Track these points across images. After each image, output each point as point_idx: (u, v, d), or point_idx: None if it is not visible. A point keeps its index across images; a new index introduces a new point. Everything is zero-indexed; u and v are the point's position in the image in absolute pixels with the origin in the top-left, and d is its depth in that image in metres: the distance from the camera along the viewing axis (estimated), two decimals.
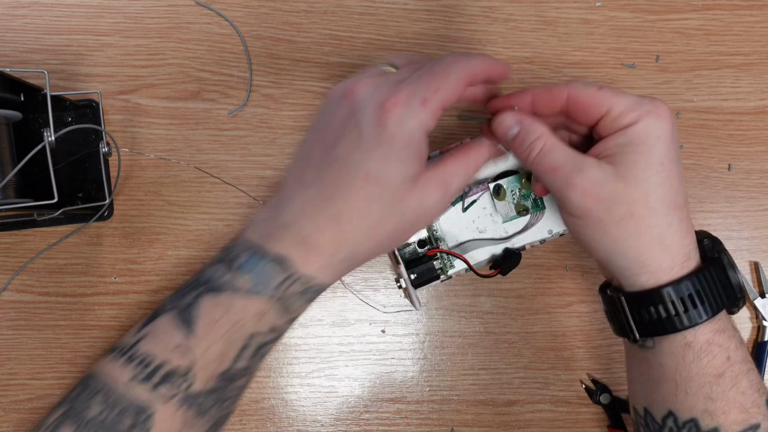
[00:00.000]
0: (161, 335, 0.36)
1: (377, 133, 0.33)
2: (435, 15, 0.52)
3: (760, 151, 0.53)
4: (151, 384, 0.35)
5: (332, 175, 0.34)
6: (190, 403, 0.35)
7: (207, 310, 0.35)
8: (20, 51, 0.49)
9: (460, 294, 0.50)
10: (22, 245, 0.48)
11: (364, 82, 0.34)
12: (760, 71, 0.53)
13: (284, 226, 0.35)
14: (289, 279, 0.35)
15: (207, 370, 0.35)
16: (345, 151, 0.34)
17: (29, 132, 0.45)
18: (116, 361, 0.36)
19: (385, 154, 0.33)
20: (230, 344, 0.35)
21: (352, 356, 0.50)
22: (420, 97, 0.33)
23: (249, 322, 0.35)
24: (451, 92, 0.34)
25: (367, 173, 0.33)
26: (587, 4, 0.53)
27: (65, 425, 0.35)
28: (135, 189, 0.49)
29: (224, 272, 0.36)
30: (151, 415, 0.35)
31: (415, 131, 0.33)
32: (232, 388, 0.37)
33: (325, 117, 0.36)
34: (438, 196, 0.35)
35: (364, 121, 0.33)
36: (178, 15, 0.50)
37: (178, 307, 0.36)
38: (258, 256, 0.35)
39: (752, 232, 0.52)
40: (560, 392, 0.50)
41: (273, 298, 0.35)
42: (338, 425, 0.49)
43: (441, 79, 0.34)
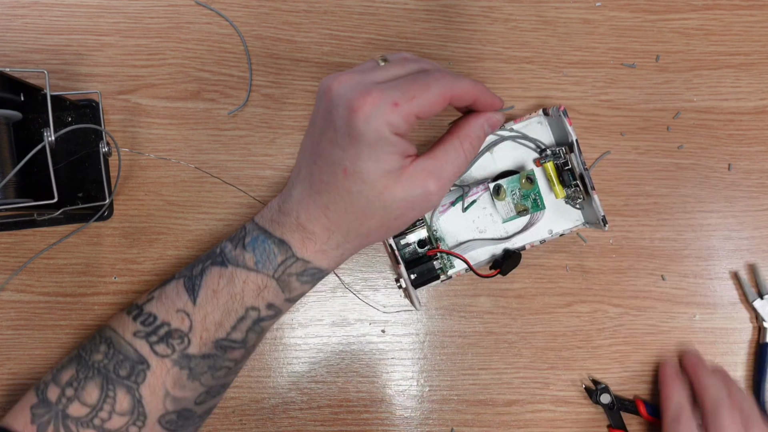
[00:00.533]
0: (168, 299, 0.39)
1: (348, 132, 0.33)
2: (435, 15, 0.52)
3: (760, 151, 0.53)
4: (151, 341, 0.38)
5: (318, 171, 0.36)
6: (183, 364, 0.38)
7: (211, 280, 0.39)
8: (20, 51, 0.49)
9: (460, 294, 0.50)
10: (22, 245, 0.48)
11: (342, 79, 0.34)
12: (760, 71, 0.53)
13: (286, 213, 0.38)
14: (288, 260, 0.38)
15: (203, 335, 0.38)
16: (325, 148, 0.35)
17: (29, 132, 0.45)
18: (126, 316, 0.40)
19: (358, 151, 0.34)
20: (228, 314, 0.38)
21: (352, 356, 0.50)
22: (391, 100, 0.33)
23: (248, 295, 0.38)
24: (426, 104, 0.34)
25: (345, 169, 0.34)
26: (587, 4, 0.53)
27: (70, 366, 0.39)
28: (135, 189, 0.49)
29: (233, 248, 0.39)
30: (146, 368, 0.38)
31: (381, 129, 0.33)
32: (225, 358, 0.40)
33: (314, 111, 0.37)
34: (427, 186, 0.35)
35: (337, 119, 0.34)
36: (178, 15, 0.50)
37: (188, 275, 0.40)
38: (263, 237, 0.38)
39: (752, 232, 0.52)
40: (560, 392, 0.50)
41: (273, 276, 0.38)
42: (338, 425, 0.49)
43: (420, 89, 0.34)
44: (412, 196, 0.35)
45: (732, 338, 0.51)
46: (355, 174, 0.34)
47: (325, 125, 0.35)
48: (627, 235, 0.51)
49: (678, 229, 0.52)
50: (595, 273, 0.51)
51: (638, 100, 0.52)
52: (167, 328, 0.38)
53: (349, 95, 0.33)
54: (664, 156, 0.52)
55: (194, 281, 0.39)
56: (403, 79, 0.35)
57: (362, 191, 0.35)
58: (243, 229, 0.40)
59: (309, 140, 0.37)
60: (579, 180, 0.46)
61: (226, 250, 0.39)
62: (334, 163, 0.35)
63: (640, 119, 0.52)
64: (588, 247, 0.51)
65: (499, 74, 0.52)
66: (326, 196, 0.36)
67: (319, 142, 0.36)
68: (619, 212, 0.52)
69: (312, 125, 0.37)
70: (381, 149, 0.33)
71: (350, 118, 0.33)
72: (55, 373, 0.39)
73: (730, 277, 0.52)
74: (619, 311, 0.51)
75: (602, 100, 0.52)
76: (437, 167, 0.35)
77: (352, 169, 0.34)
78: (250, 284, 0.38)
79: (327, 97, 0.35)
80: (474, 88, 0.36)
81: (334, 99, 0.34)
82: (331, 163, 0.35)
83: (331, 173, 0.35)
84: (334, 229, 0.37)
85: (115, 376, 0.38)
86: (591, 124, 0.52)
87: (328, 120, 0.35)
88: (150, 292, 0.41)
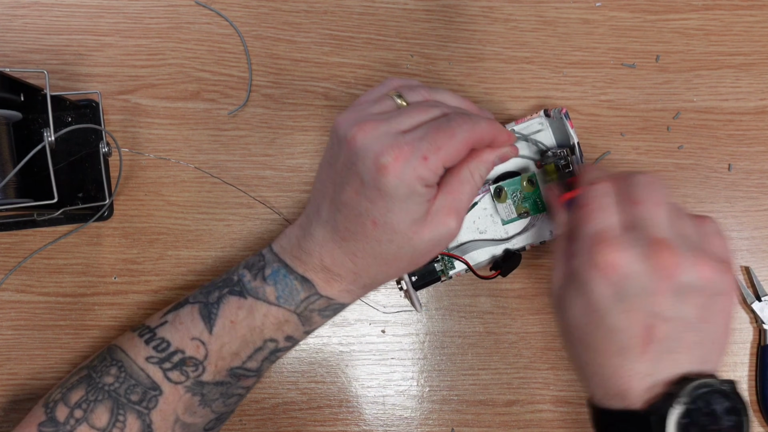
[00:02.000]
0: (182, 325, 0.39)
1: (377, 186, 0.33)
2: (435, 15, 0.52)
3: (760, 151, 0.53)
4: (164, 367, 0.38)
5: (343, 220, 0.35)
6: (196, 391, 0.38)
7: (230, 310, 0.38)
8: (20, 51, 0.49)
9: (460, 294, 0.50)
10: (22, 245, 0.48)
11: (366, 129, 0.34)
12: (760, 71, 0.53)
13: (308, 252, 0.37)
14: (312, 296, 0.38)
15: (218, 364, 0.38)
16: (351, 198, 0.35)
17: (29, 132, 0.45)
18: (137, 340, 0.39)
19: (388, 205, 0.34)
20: (246, 345, 0.38)
21: (352, 356, 0.50)
22: (421, 155, 0.33)
23: (268, 329, 0.38)
24: (453, 153, 0.34)
25: (374, 220, 0.34)
26: (587, 4, 0.52)
27: (80, 387, 0.39)
28: (135, 189, 0.49)
29: (252, 278, 0.38)
30: (158, 394, 0.37)
31: (414, 185, 0.33)
32: (238, 385, 0.39)
33: (333, 155, 0.36)
34: (450, 224, 0.36)
35: (364, 172, 0.33)
36: (178, 15, 0.50)
37: (203, 301, 0.39)
38: (284, 272, 0.38)
39: (752, 232, 0.52)
40: (560, 392, 0.50)
41: (295, 311, 0.38)
42: (338, 425, 0.49)
43: (446, 139, 0.34)
44: (439, 236, 0.36)
45: (732, 339, 0.51)
46: (385, 225, 0.34)
47: (349, 174, 0.34)
48: None
49: None
50: None
51: (638, 100, 0.52)
52: (181, 356, 0.38)
53: (377, 149, 0.33)
54: (664, 156, 0.52)
55: (210, 309, 0.38)
56: (428, 128, 0.34)
57: (393, 240, 0.35)
58: (261, 258, 0.39)
59: (330, 184, 0.36)
60: None
61: (245, 279, 0.38)
62: (362, 214, 0.35)
63: (640, 119, 0.52)
64: None
65: (499, 74, 0.52)
66: (353, 245, 0.36)
67: (342, 190, 0.35)
68: None
69: (330, 167, 0.36)
70: (412, 201, 0.34)
71: (380, 174, 0.33)
72: (65, 392, 0.39)
73: None
74: None
75: (602, 100, 0.52)
76: (455, 202, 0.36)
77: (382, 221, 0.34)
78: (270, 318, 0.38)
79: (350, 147, 0.34)
80: (491, 128, 0.36)
81: (360, 151, 0.34)
82: (358, 215, 0.35)
83: (359, 224, 0.35)
84: (362, 273, 0.37)
85: (126, 400, 0.37)
86: (591, 125, 0.52)
87: (352, 170, 0.34)
88: (162, 314, 0.40)
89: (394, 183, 0.33)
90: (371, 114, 0.36)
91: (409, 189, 0.33)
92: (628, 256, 0.33)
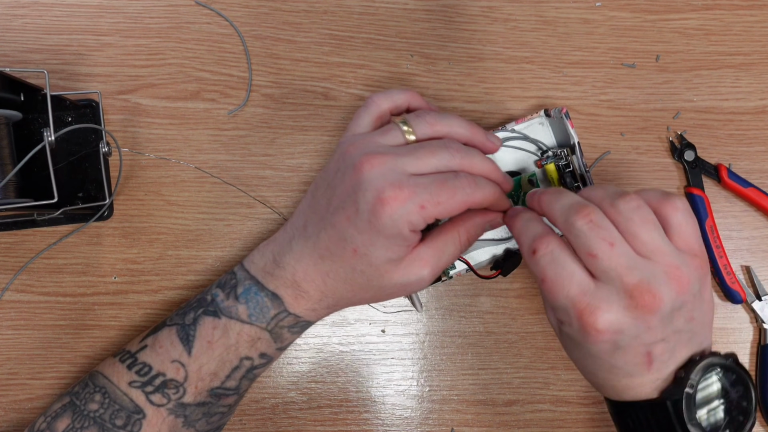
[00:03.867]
0: (162, 348, 0.40)
1: (369, 219, 0.34)
2: (435, 15, 0.52)
3: (760, 151, 0.53)
4: (147, 391, 0.39)
5: (327, 239, 0.37)
6: (179, 412, 0.39)
7: (206, 331, 0.39)
8: (20, 51, 0.49)
9: (460, 294, 0.50)
10: (22, 245, 0.48)
11: (375, 161, 0.35)
12: (760, 71, 0.53)
13: (281, 266, 0.38)
14: (281, 314, 0.39)
15: (198, 385, 0.39)
16: (341, 222, 0.36)
17: (29, 132, 0.45)
18: (119, 365, 0.40)
19: (372, 239, 0.35)
20: (223, 364, 0.39)
21: (352, 356, 0.50)
22: (419, 202, 0.34)
23: (242, 346, 0.39)
24: (449, 210, 0.35)
25: (354, 249, 0.36)
26: (587, 4, 0.53)
27: (65, 415, 0.39)
28: (135, 189, 0.49)
29: (225, 298, 0.39)
30: (142, 418, 0.38)
31: (401, 227, 0.34)
32: (219, 404, 0.40)
33: (335, 175, 0.37)
34: (422, 274, 0.37)
35: (362, 202, 0.34)
36: (178, 15, 0.50)
37: (180, 323, 0.40)
38: (255, 289, 0.39)
39: (752, 232, 0.52)
40: (560, 392, 0.50)
41: (266, 328, 0.39)
42: (338, 425, 0.49)
43: (447, 197, 0.35)
44: (408, 281, 0.37)
45: (732, 338, 0.51)
46: (363, 256, 0.36)
47: (347, 200, 0.35)
48: None
49: None
50: None
51: (638, 100, 0.52)
52: (163, 378, 0.39)
53: (381, 185, 0.34)
54: (664, 156, 0.52)
55: (188, 331, 0.39)
56: (434, 180, 0.35)
57: (365, 271, 0.36)
58: (233, 276, 0.40)
59: (324, 203, 0.37)
60: (580, 181, 0.46)
61: (218, 299, 0.40)
62: (346, 239, 0.36)
63: (640, 119, 0.52)
64: None
65: (499, 74, 0.52)
66: (329, 265, 0.37)
67: (335, 212, 0.36)
68: None
69: (328, 188, 0.37)
70: (395, 242, 0.35)
71: (377, 208, 0.34)
72: (50, 421, 0.39)
73: None
74: None
75: (602, 100, 0.52)
76: (434, 257, 0.37)
77: (362, 252, 0.36)
78: (244, 336, 0.39)
79: (356, 174, 0.35)
80: (492, 195, 0.37)
81: (364, 182, 0.34)
82: (342, 239, 0.36)
83: (340, 247, 0.36)
84: (329, 294, 0.38)
85: (111, 425, 0.38)
86: (591, 124, 0.52)
87: (351, 198, 0.35)
88: (142, 338, 0.41)
89: (385, 220, 0.34)
90: (381, 146, 0.36)
91: (396, 230, 0.34)
92: (612, 316, 0.33)
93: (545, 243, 0.35)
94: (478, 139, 0.39)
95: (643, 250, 0.34)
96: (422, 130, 0.37)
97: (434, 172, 0.36)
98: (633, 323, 0.33)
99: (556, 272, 0.34)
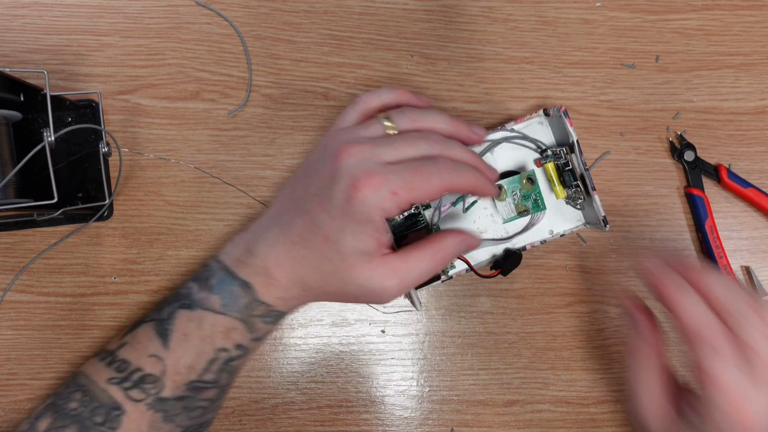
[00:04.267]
0: (140, 343, 0.40)
1: (342, 205, 0.35)
2: (435, 15, 0.52)
3: (760, 151, 0.53)
4: (125, 387, 0.39)
5: (301, 224, 0.37)
6: (158, 407, 0.39)
7: (182, 324, 0.39)
8: (20, 51, 0.49)
9: (460, 294, 0.50)
10: (22, 245, 0.48)
11: (353, 151, 0.35)
12: (760, 71, 0.53)
13: (254, 254, 0.39)
14: (253, 303, 0.39)
15: (176, 378, 0.39)
16: (315, 208, 0.36)
17: (29, 132, 0.45)
18: (98, 363, 0.40)
19: (342, 225, 0.35)
20: (199, 356, 0.39)
21: (352, 356, 0.49)
22: (392, 188, 0.34)
23: (217, 337, 0.39)
24: (424, 195, 0.35)
25: (326, 235, 0.36)
26: (587, 4, 0.53)
27: (46, 415, 0.39)
28: (135, 189, 0.49)
29: (199, 290, 0.40)
30: (121, 414, 0.38)
31: (372, 213, 0.35)
32: (199, 398, 0.40)
33: (314, 165, 0.38)
34: (389, 283, 0.36)
35: (337, 190, 0.35)
36: (178, 15, 0.50)
37: (157, 318, 0.40)
38: (228, 279, 0.39)
39: (752, 233, 0.52)
40: (560, 392, 0.50)
41: (239, 317, 0.39)
42: (338, 425, 0.49)
43: (421, 181, 0.35)
44: (370, 286, 0.37)
45: None
46: (333, 243, 0.36)
47: (322, 187, 0.36)
48: (627, 235, 0.51)
49: (678, 230, 0.52)
50: (595, 273, 0.51)
51: (638, 100, 0.52)
52: (140, 374, 0.39)
53: (355, 172, 0.35)
54: (664, 156, 0.52)
55: (165, 325, 0.39)
56: (408, 166, 0.35)
57: (333, 259, 0.36)
58: (207, 269, 0.41)
59: (301, 191, 0.38)
60: (579, 180, 0.46)
61: (192, 292, 0.40)
62: (318, 225, 0.36)
63: (640, 119, 0.52)
64: (588, 248, 0.51)
65: (499, 74, 0.52)
66: (300, 251, 0.37)
67: (311, 200, 0.37)
68: (619, 212, 0.52)
69: (306, 177, 0.38)
70: (365, 229, 0.35)
71: (349, 193, 0.34)
72: (33, 421, 0.40)
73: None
74: (619, 311, 0.51)
75: (602, 100, 0.52)
76: (404, 269, 0.37)
77: (333, 238, 0.36)
78: (218, 327, 0.39)
79: (334, 163, 0.36)
80: (475, 180, 0.37)
81: (340, 170, 0.35)
82: (315, 225, 0.36)
83: (312, 233, 0.36)
84: (298, 281, 0.38)
85: (91, 423, 0.38)
86: (591, 124, 0.52)
87: (327, 185, 0.36)
88: (121, 336, 0.41)
89: (357, 206, 0.34)
90: (361, 137, 0.37)
91: (367, 216, 0.35)
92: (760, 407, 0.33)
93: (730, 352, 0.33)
94: (462, 132, 0.40)
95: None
96: (404, 124, 0.38)
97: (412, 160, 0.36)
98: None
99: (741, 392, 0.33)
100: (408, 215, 0.46)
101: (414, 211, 0.46)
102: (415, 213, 0.46)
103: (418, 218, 0.46)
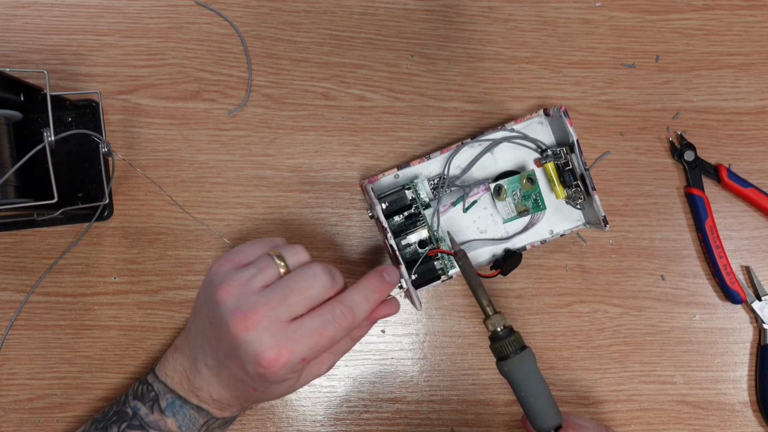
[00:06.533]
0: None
1: (258, 378, 0.36)
2: (435, 15, 0.52)
3: (760, 151, 0.53)
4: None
5: (227, 376, 0.39)
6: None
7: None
8: (20, 51, 0.49)
9: (460, 294, 0.50)
10: (22, 245, 0.48)
11: (249, 323, 0.35)
12: (760, 71, 0.53)
13: (198, 388, 0.40)
14: (210, 420, 0.41)
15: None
16: (234, 369, 0.37)
17: (29, 132, 0.45)
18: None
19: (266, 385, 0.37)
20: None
21: (352, 356, 0.49)
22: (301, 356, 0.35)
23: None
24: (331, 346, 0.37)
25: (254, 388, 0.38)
26: (587, 4, 0.53)
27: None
28: (135, 189, 0.49)
29: (149, 412, 0.40)
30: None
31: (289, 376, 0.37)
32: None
33: (205, 303, 0.38)
34: (322, 369, 0.40)
35: (247, 364, 0.36)
36: (178, 15, 0.50)
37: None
38: (180, 403, 0.40)
39: (752, 232, 0.52)
40: (560, 392, 0.50)
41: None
42: (338, 425, 0.49)
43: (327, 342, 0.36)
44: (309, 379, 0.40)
45: (732, 338, 0.51)
46: (263, 392, 0.39)
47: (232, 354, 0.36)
48: (627, 235, 0.52)
49: (678, 229, 0.52)
50: (595, 273, 0.51)
51: (638, 100, 0.52)
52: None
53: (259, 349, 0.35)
54: (664, 156, 0.52)
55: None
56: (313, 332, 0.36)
57: (267, 390, 0.38)
58: (150, 388, 0.41)
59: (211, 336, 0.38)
60: (579, 180, 0.46)
61: (141, 413, 0.40)
62: (244, 381, 0.38)
63: (640, 119, 0.52)
64: (588, 247, 0.51)
65: (499, 74, 0.52)
66: (237, 391, 0.39)
67: (225, 358, 0.37)
68: (619, 212, 0.52)
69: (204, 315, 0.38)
70: (287, 381, 0.38)
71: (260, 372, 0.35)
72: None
73: None
74: (618, 311, 0.51)
75: (602, 100, 0.52)
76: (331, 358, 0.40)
77: (261, 389, 0.38)
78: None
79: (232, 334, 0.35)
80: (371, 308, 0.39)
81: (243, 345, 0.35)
82: (240, 380, 0.38)
83: (242, 383, 0.38)
84: (245, 403, 0.41)
85: None
86: (591, 124, 0.52)
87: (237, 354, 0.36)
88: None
89: (272, 378, 0.36)
90: (252, 295, 0.36)
91: (284, 378, 0.36)
92: None
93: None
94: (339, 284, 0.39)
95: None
96: (294, 259, 0.38)
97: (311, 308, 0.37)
98: None
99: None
100: (408, 215, 0.46)
101: (414, 211, 0.46)
102: (416, 213, 0.46)
103: (418, 218, 0.47)
